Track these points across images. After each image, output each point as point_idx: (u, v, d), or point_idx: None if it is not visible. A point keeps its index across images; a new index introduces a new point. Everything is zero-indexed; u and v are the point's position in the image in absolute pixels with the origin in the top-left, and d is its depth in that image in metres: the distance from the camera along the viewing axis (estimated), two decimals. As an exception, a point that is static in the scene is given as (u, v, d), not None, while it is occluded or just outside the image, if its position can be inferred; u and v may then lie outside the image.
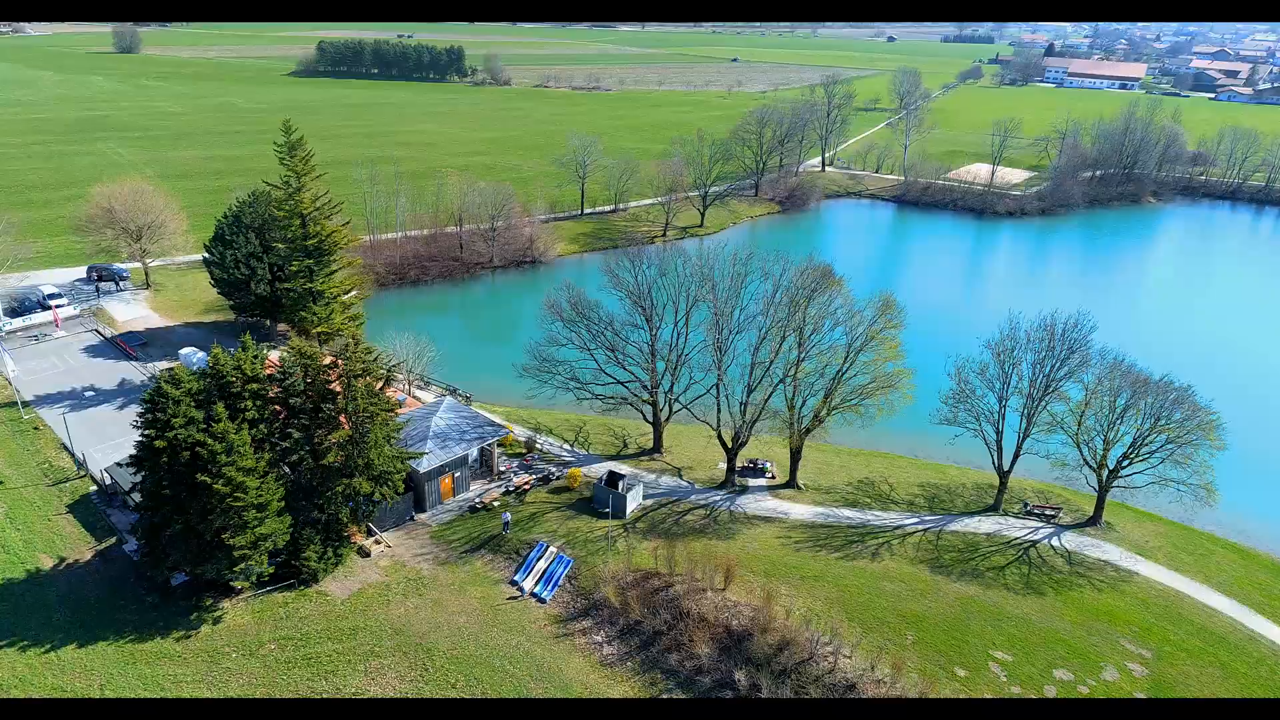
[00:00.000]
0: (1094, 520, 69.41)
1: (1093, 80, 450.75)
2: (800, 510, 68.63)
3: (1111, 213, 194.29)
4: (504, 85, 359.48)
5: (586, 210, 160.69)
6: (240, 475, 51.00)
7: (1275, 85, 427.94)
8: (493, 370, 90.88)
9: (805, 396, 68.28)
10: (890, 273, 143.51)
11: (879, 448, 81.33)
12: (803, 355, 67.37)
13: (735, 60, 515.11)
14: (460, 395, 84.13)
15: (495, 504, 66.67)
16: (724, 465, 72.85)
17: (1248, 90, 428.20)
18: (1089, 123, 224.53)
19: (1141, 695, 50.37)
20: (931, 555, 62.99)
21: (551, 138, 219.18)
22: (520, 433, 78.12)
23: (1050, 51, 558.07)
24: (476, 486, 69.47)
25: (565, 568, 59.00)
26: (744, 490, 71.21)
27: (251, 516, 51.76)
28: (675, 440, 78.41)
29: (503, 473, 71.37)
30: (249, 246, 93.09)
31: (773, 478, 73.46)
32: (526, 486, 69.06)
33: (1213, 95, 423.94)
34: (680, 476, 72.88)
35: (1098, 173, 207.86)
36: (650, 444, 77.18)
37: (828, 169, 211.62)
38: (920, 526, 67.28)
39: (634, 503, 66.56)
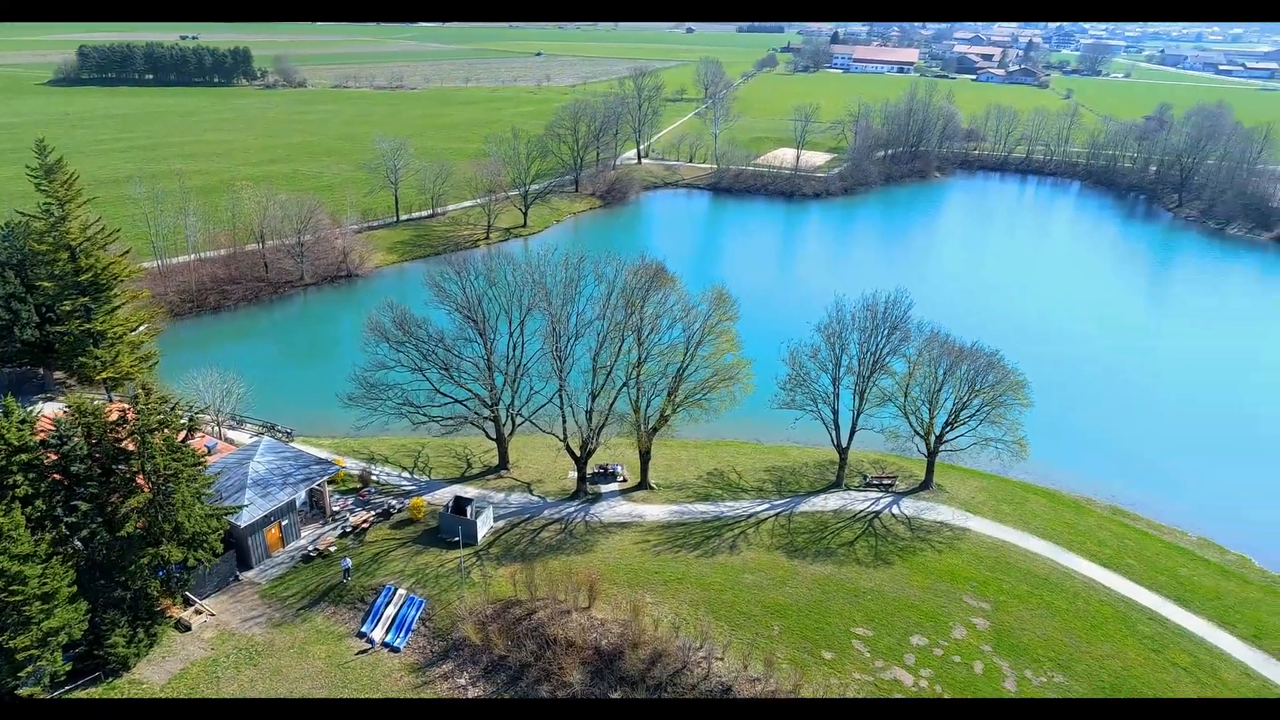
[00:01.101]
0: (926, 484, 73.71)
1: (874, 65, 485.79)
2: (655, 511, 68.05)
3: (904, 189, 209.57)
4: (299, 87, 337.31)
5: (403, 217, 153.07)
6: (15, 564, 43.30)
7: (1022, 67, 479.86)
8: (315, 400, 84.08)
9: (650, 397, 67.65)
10: (717, 262, 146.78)
11: (724, 437, 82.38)
12: (643, 356, 66.60)
13: (539, 55, 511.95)
14: (280, 432, 77.03)
15: (332, 549, 61.25)
16: (574, 474, 71.02)
17: (1001, 71, 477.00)
18: (877, 106, 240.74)
19: (988, 648, 53.65)
20: (786, 540, 64.29)
21: (357, 141, 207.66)
22: (353, 466, 72.51)
23: (835, 39, 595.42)
24: (309, 532, 63.60)
25: (417, 609, 55.00)
26: (597, 498, 69.71)
27: (35, 610, 44.18)
28: (522, 454, 75.64)
29: (337, 513, 65.81)
30: (7, 287, 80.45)
31: (624, 481, 72.47)
32: (365, 525, 64.02)
33: (974, 76, 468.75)
34: (530, 492, 70.30)
35: (889, 152, 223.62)
36: (496, 461, 73.99)
37: (644, 161, 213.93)
38: (771, 512, 68.59)
39: (485, 527, 63.34)
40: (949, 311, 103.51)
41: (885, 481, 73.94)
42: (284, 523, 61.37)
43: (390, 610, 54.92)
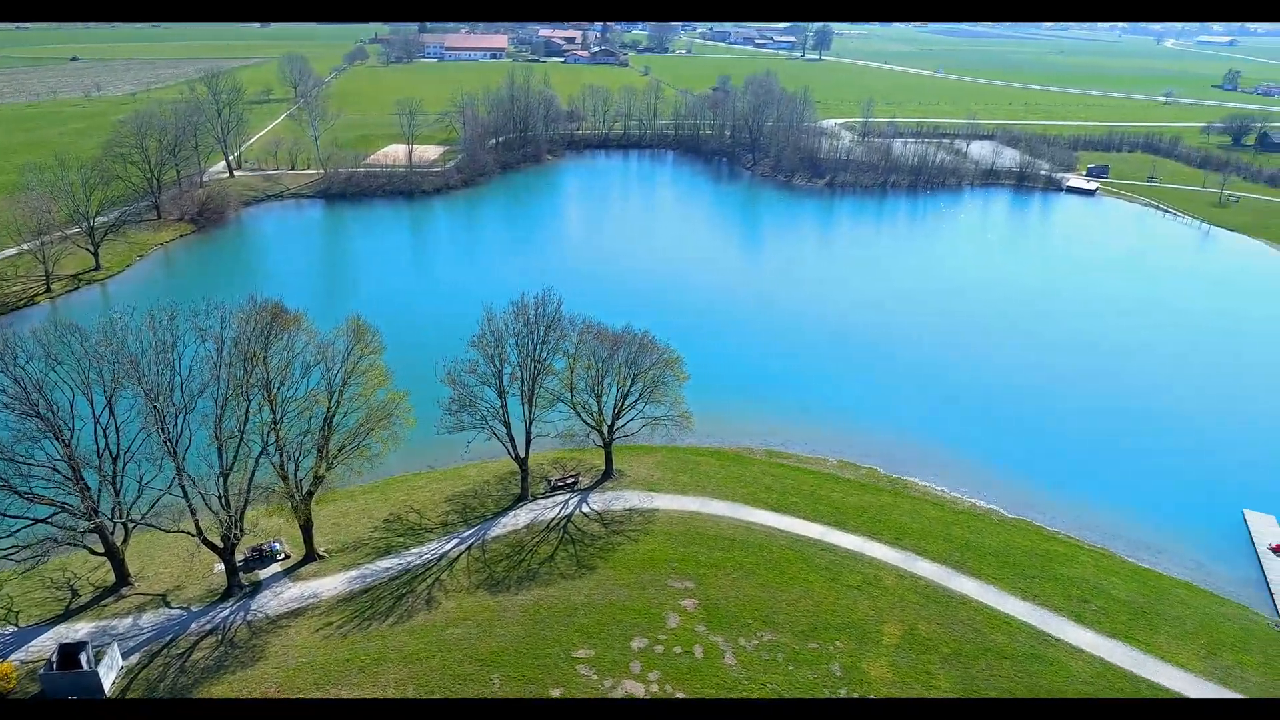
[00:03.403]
0: (608, 473, 73.93)
1: (468, 53, 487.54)
2: (332, 584, 59.31)
3: (522, 174, 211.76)
4: None
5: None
6: None
7: (602, 48, 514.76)
8: None
9: (297, 458, 58.25)
10: (346, 284, 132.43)
11: (392, 474, 74.84)
12: (279, 414, 56.91)
13: (75, 59, 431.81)
14: None
15: (-128, 776, 43.82)
16: (222, 568, 59.24)
17: (585, 53, 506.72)
18: (480, 94, 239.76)
19: (702, 628, 54.67)
20: (485, 574, 59.89)
21: None
22: (-112, 643, 52.96)
23: (424, 29, 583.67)
24: None
25: (29, 818, 41.33)
26: (257, 588, 58.91)
27: None
28: (147, 560, 61.43)
29: (-127, 719, 47.36)
30: None
31: (287, 558, 62.31)
32: (-76, 723, 46.88)
33: (562, 59, 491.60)
34: (169, 604, 57.22)
35: (500, 139, 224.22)
36: (112, 579, 59.08)
37: (237, 173, 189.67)
38: (463, 546, 63.62)
39: (111, 673, 49.87)
40: (594, 295, 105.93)
41: (569, 481, 72.78)
42: None
43: (-15, 834, 40.54)
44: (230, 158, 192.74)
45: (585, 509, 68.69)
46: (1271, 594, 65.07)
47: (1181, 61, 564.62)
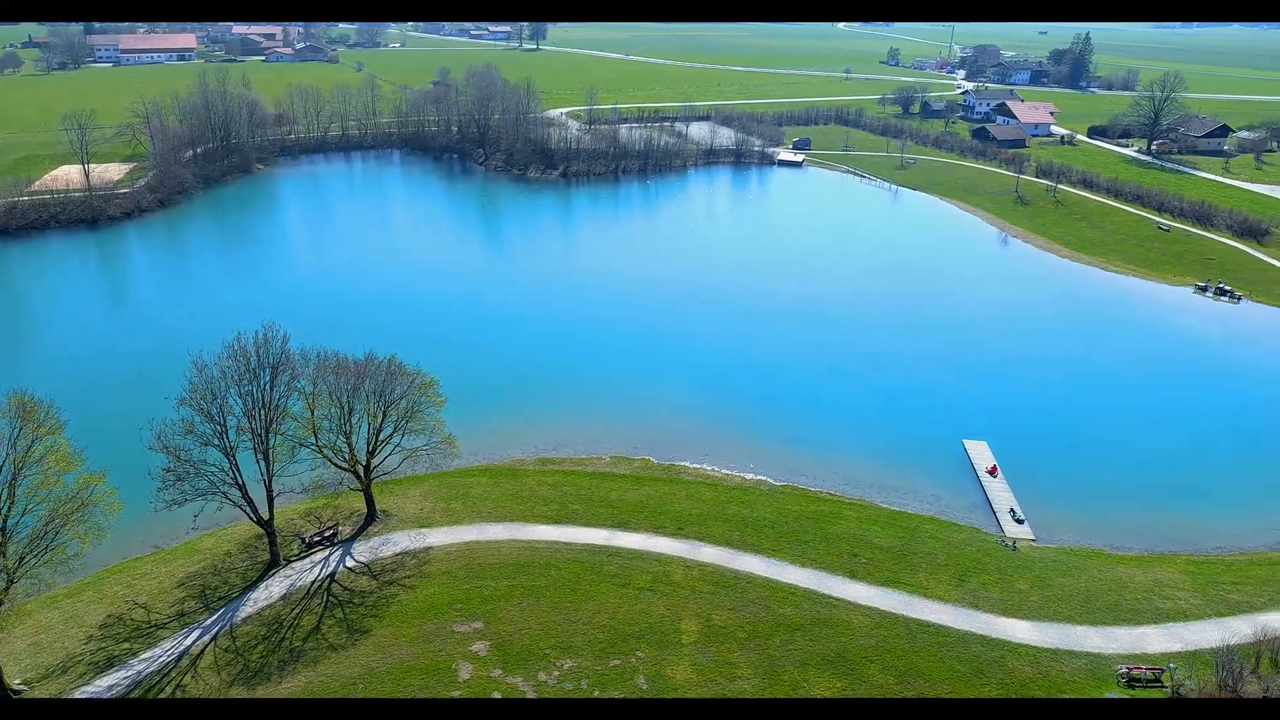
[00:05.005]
0: (372, 516, 67.34)
1: (150, 55, 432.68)
2: (36, 722, 48.15)
3: (229, 187, 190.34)
4: None
5: None
6: None
7: (307, 44, 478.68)
8: None
9: (-40, 581, 46.35)
10: (10, 349, 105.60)
11: (107, 564, 62.72)
12: (-76, 530, 44.81)
13: None
14: None
15: None
16: None
17: (289, 50, 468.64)
18: (168, 100, 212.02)
19: (498, 671, 50.83)
20: (239, 666, 51.62)
21: None
22: None
23: (91, 28, 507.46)
24: None
25: None
26: (-73, 752, 46.38)
27: None
28: None
29: None
30: None
31: (-32, 702, 49.78)
32: None
33: (263, 58, 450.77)
34: None
35: (199, 150, 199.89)
36: None
37: None
38: (207, 636, 54.55)
39: None
40: (328, 322, 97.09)
41: (327, 534, 65.28)
42: None
43: None
44: None
45: (350, 562, 61.88)
46: (994, 512, 73.48)
47: (852, 40, 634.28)
